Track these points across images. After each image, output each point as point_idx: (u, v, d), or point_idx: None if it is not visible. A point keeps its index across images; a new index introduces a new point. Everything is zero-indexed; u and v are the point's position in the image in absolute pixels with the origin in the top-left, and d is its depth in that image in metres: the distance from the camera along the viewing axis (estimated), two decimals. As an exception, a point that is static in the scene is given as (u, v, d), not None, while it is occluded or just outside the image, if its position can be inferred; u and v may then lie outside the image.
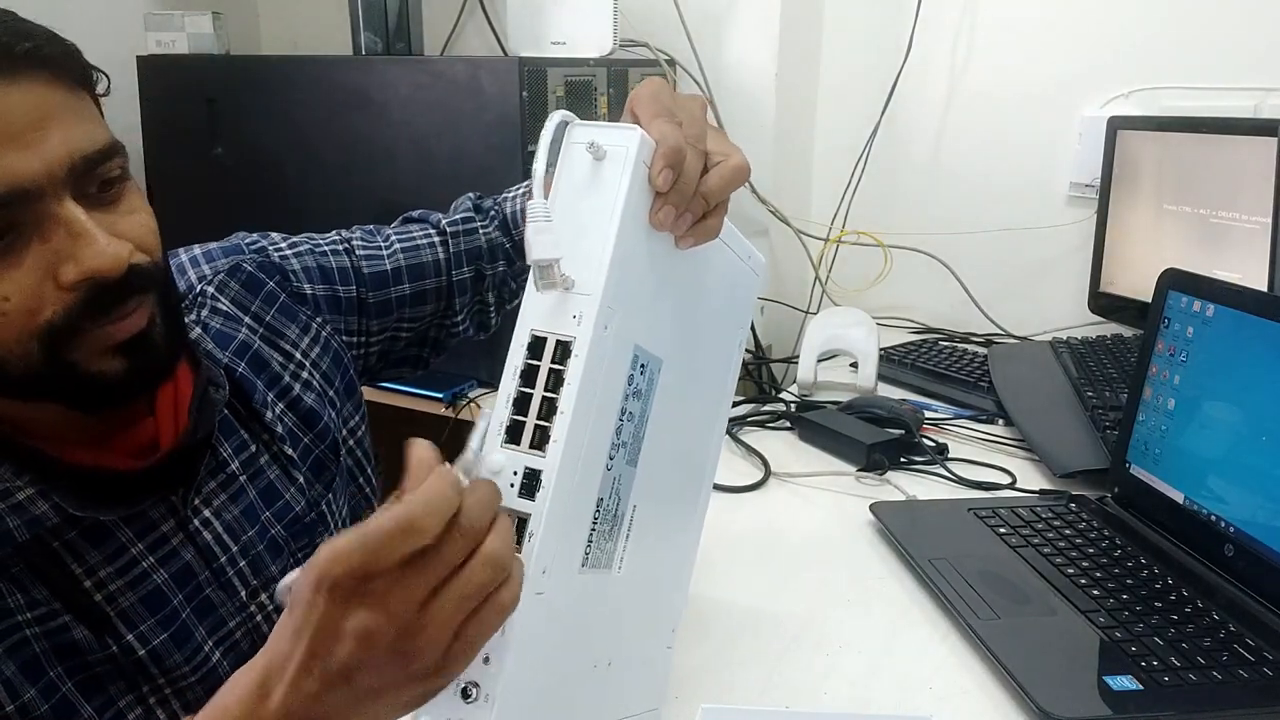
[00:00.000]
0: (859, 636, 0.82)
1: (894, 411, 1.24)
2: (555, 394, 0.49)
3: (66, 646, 0.62)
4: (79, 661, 0.63)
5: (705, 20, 1.71)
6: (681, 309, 0.60)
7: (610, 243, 0.50)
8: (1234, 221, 1.32)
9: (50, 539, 0.62)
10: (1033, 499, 1.06)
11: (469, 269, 0.91)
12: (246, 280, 0.81)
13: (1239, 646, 0.76)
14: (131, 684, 0.66)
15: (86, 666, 0.63)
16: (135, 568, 0.65)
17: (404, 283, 0.89)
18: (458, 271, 0.91)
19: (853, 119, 1.79)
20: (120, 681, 0.65)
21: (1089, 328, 1.58)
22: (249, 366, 0.77)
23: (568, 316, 0.50)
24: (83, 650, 0.63)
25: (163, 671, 0.67)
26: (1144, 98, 1.58)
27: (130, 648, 0.65)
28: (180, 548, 0.68)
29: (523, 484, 0.48)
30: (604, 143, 0.52)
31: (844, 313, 1.49)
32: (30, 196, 0.54)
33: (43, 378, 0.57)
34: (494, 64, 1.42)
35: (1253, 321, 0.88)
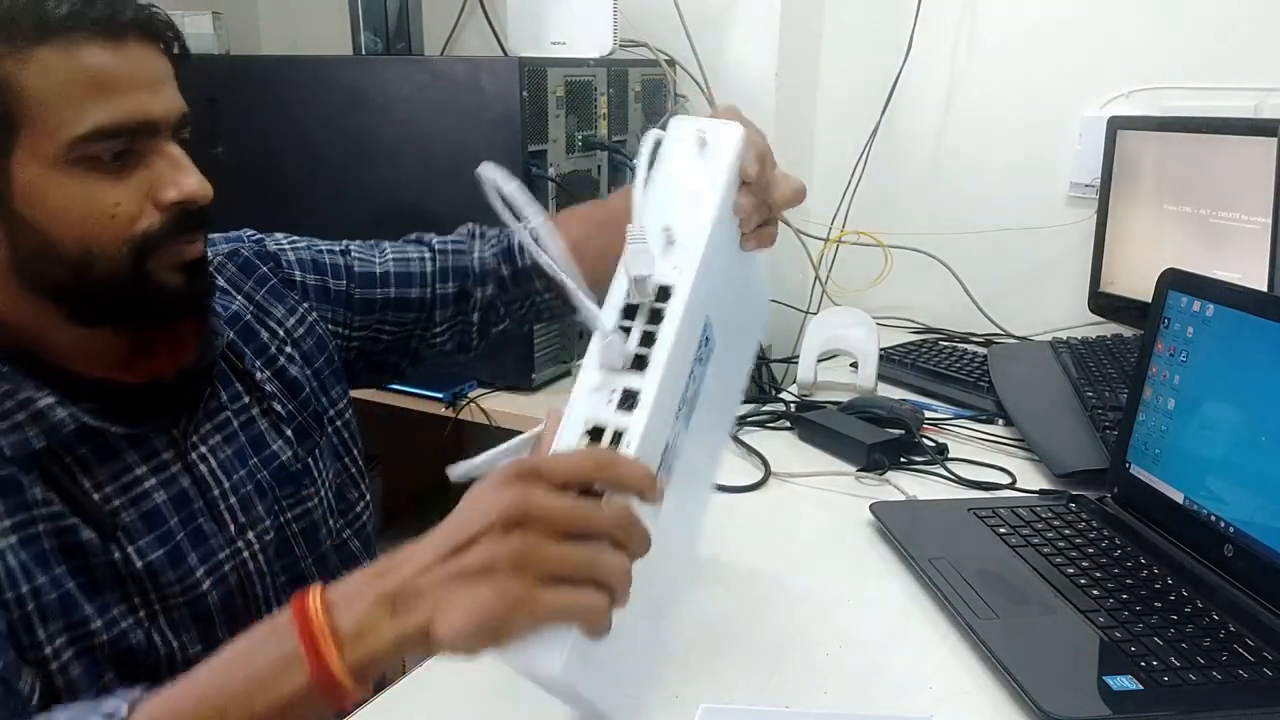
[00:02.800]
0: (859, 636, 0.82)
1: (894, 411, 1.24)
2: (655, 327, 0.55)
3: (74, 546, 0.68)
4: (84, 563, 0.69)
5: (705, 20, 1.71)
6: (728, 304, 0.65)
7: (714, 208, 0.59)
8: (1234, 221, 1.32)
9: (63, 454, 0.68)
10: (1033, 499, 1.06)
11: (453, 285, 0.97)
12: (243, 264, 0.89)
13: (1239, 646, 0.76)
14: (126, 594, 0.71)
15: (90, 569, 0.69)
16: (138, 486, 0.72)
17: (390, 286, 0.95)
18: (441, 285, 0.97)
19: (853, 119, 1.79)
20: (117, 590, 0.70)
21: (1089, 328, 1.58)
22: (239, 335, 0.85)
23: (669, 267, 0.57)
24: (88, 553, 0.69)
25: (155, 587, 0.72)
26: (1144, 98, 1.58)
27: (130, 559, 0.71)
28: (179, 475, 0.75)
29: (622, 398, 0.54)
30: (709, 133, 0.62)
31: (844, 313, 1.49)
32: (150, 130, 0.67)
33: (122, 282, 0.67)
34: (494, 64, 1.42)
35: (1253, 321, 0.88)
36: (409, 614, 0.51)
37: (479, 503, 0.52)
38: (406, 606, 0.51)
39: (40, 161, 0.63)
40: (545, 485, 0.51)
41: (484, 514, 0.51)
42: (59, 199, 0.64)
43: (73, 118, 0.62)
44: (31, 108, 0.62)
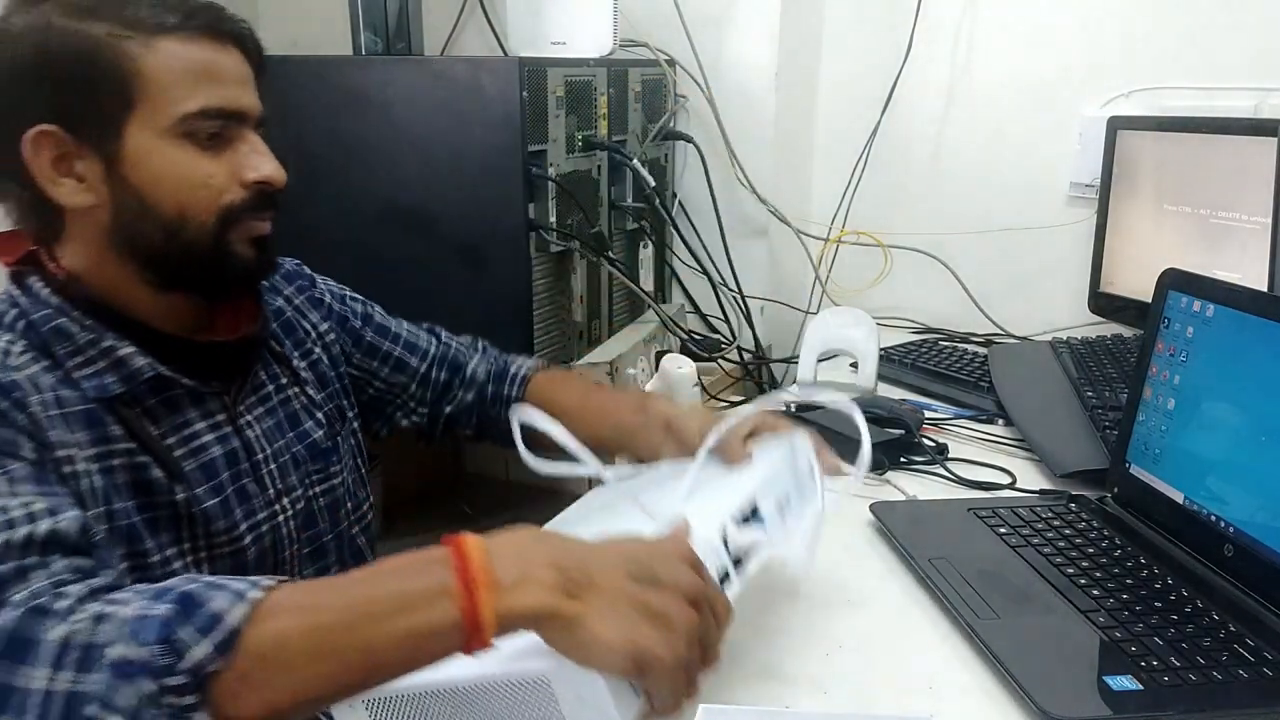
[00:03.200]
0: (859, 636, 0.82)
1: (894, 411, 1.24)
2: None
3: (144, 483, 0.75)
4: (150, 500, 0.75)
5: (705, 20, 1.71)
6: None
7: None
8: (1234, 221, 1.32)
9: (135, 403, 0.76)
10: (1033, 499, 1.06)
11: (445, 375, 1.05)
12: (285, 273, 0.98)
13: (1239, 646, 0.76)
14: (180, 536, 0.77)
15: (155, 506, 0.76)
16: (197, 440, 0.80)
17: (397, 345, 1.03)
18: (435, 369, 1.04)
19: (853, 119, 1.79)
20: (174, 530, 0.77)
21: (1089, 328, 1.58)
22: (280, 327, 0.93)
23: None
24: (155, 490, 0.76)
25: (206, 534, 0.79)
26: (1144, 98, 1.58)
27: (190, 501, 0.77)
28: (230, 435, 0.82)
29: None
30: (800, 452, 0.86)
31: (844, 313, 1.48)
32: (240, 118, 0.78)
33: (205, 248, 0.76)
34: (494, 64, 1.42)
35: (1253, 321, 0.88)
36: (574, 596, 0.55)
37: (675, 556, 0.60)
38: (576, 588, 0.55)
39: (151, 132, 0.72)
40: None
41: (678, 573, 0.59)
42: (163, 166, 0.73)
43: (184, 97, 0.72)
44: (149, 86, 0.71)
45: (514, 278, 1.38)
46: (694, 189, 1.77)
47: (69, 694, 0.52)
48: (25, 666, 0.53)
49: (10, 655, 0.53)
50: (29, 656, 0.53)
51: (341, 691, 0.56)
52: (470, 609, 0.54)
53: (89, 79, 0.70)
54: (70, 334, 0.74)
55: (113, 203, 0.73)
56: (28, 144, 0.71)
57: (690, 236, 1.72)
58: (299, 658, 0.54)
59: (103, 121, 0.72)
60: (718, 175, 1.73)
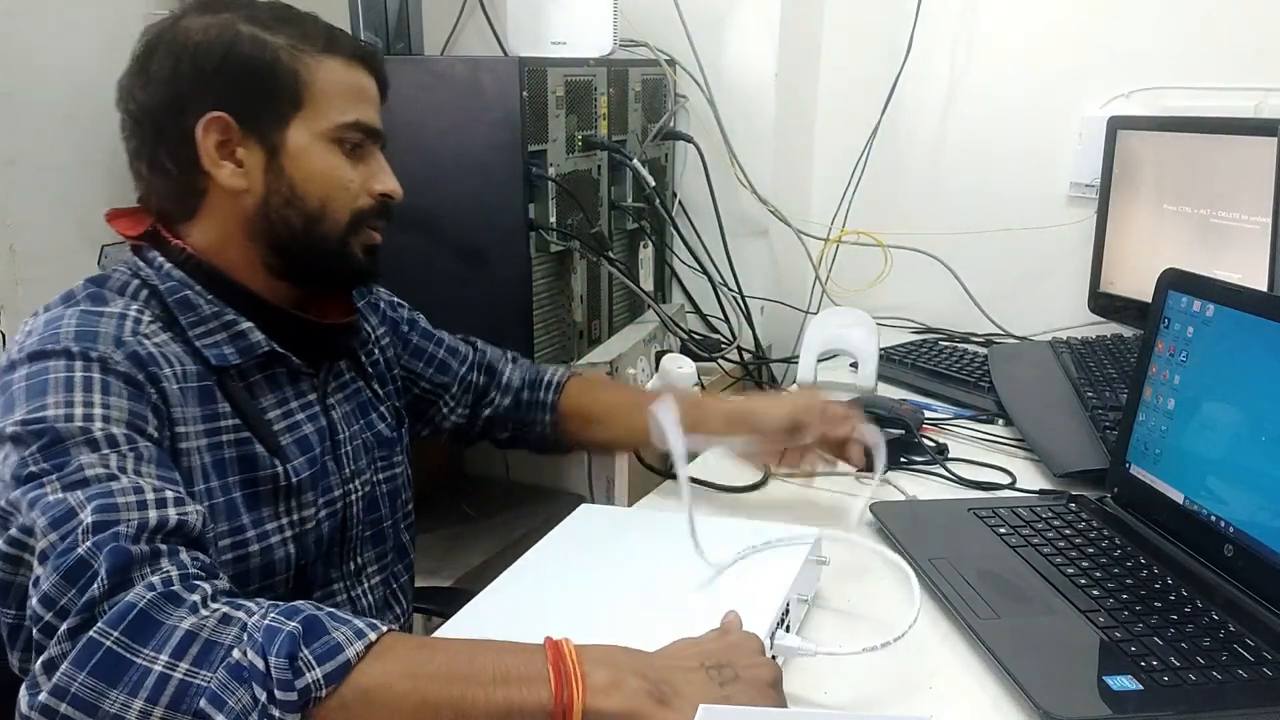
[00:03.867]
0: (859, 637, 0.82)
1: (894, 411, 1.23)
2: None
3: (247, 458, 0.80)
4: (252, 475, 0.81)
5: (705, 20, 1.71)
6: None
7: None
8: (1234, 221, 1.32)
9: (241, 378, 0.82)
10: (1033, 499, 1.06)
11: (482, 379, 1.10)
12: None
13: (1239, 646, 0.76)
14: (278, 510, 0.83)
15: (255, 481, 0.81)
16: (294, 415, 0.86)
17: (440, 349, 1.09)
18: (473, 374, 1.10)
19: (853, 119, 1.79)
20: (273, 504, 0.82)
21: (1089, 328, 1.58)
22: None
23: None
24: (257, 465, 0.81)
25: (298, 506, 0.84)
26: (1144, 98, 1.58)
27: (288, 473, 0.83)
28: (319, 415, 0.89)
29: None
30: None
31: (844, 313, 1.49)
32: (375, 136, 0.87)
33: (332, 243, 0.85)
34: (494, 64, 1.42)
35: (1253, 321, 0.88)
36: (663, 703, 0.59)
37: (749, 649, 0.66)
38: (661, 695, 0.60)
39: (310, 134, 0.82)
40: None
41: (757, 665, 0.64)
42: (316, 163, 0.82)
43: (341, 109, 0.83)
44: (315, 94, 0.82)
45: (514, 278, 1.38)
46: (694, 189, 1.77)
47: (181, 683, 0.55)
48: (148, 647, 0.56)
49: (135, 632, 0.56)
50: (154, 638, 0.56)
51: None
52: (560, 698, 0.58)
53: (267, 79, 0.80)
54: (196, 305, 0.81)
55: (265, 189, 0.82)
56: (201, 127, 0.79)
57: (690, 236, 1.72)
58: (398, 701, 0.57)
59: (272, 117, 0.81)
60: (718, 175, 1.73)
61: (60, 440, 0.66)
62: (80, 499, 0.62)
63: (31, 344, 0.73)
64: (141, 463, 0.68)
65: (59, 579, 0.59)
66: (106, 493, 0.63)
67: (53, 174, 1.89)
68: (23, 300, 1.86)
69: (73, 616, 0.57)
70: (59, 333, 0.73)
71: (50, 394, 0.69)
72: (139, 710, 0.54)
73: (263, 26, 0.81)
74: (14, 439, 0.67)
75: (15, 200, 1.84)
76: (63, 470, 0.65)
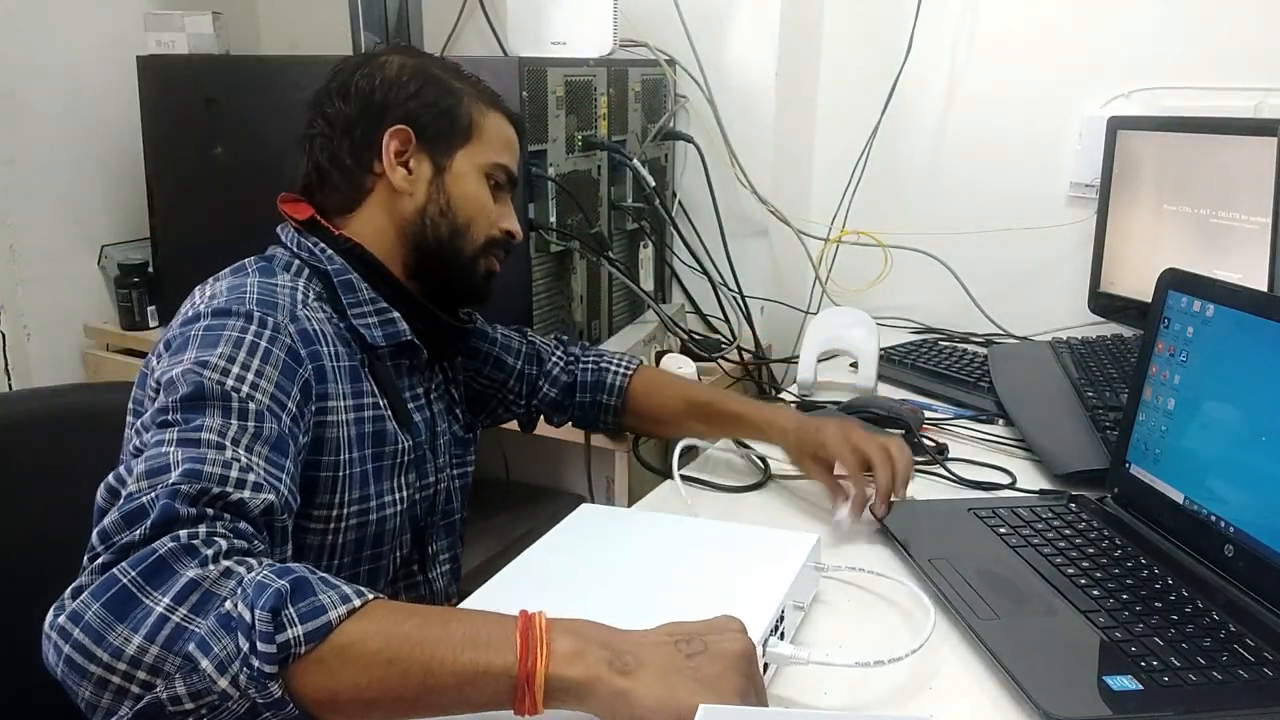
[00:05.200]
0: (859, 637, 0.82)
1: (894, 411, 1.24)
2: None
3: (381, 434, 0.91)
4: (382, 450, 0.91)
5: (705, 20, 1.71)
6: None
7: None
8: (1234, 221, 1.32)
9: (386, 359, 0.93)
10: (1033, 499, 1.06)
11: (533, 369, 1.17)
12: None
13: (1239, 646, 0.76)
14: (397, 484, 0.93)
15: (383, 455, 0.91)
16: (416, 400, 0.98)
17: (495, 346, 1.15)
18: (527, 365, 1.17)
19: (853, 119, 1.79)
20: (393, 478, 0.93)
21: (1089, 328, 1.58)
22: None
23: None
24: (386, 440, 0.91)
25: (406, 483, 0.95)
26: (1144, 98, 1.58)
27: (411, 449, 0.94)
28: (425, 407, 1.00)
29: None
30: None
31: (844, 313, 1.49)
32: (512, 182, 1.02)
33: (465, 259, 0.98)
34: (494, 64, 1.42)
35: (1253, 321, 0.88)
36: (624, 672, 0.61)
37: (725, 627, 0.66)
38: (625, 666, 0.61)
39: (470, 164, 0.97)
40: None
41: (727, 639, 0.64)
42: (470, 188, 0.97)
43: (496, 152, 0.99)
44: (481, 134, 0.98)
45: (514, 278, 1.38)
46: (694, 189, 1.77)
47: (177, 626, 0.59)
48: (156, 590, 0.60)
49: (149, 576, 0.61)
50: (162, 583, 0.60)
51: (394, 704, 0.61)
52: (524, 663, 0.60)
53: (448, 112, 0.96)
54: (357, 289, 0.92)
55: (426, 198, 0.95)
56: (388, 134, 0.94)
57: (690, 236, 1.72)
58: (370, 657, 0.60)
59: (446, 142, 0.96)
60: (718, 175, 1.73)
61: (202, 397, 0.74)
62: (179, 458, 0.68)
63: (219, 302, 0.82)
64: (258, 441, 0.74)
65: (119, 518, 0.64)
66: (202, 459, 0.69)
67: (53, 174, 1.90)
68: (23, 300, 1.86)
69: (108, 553, 0.62)
70: (244, 295, 0.83)
71: (220, 346, 0.77)
72: (137, 646, 0.58)
73: (449, 74, 0.99)
74: (169, 383, 0.74)
75: (15, 200, 1.84)
76: (189, 425, 0.72)
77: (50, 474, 1.03)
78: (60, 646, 0.59)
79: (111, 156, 1.94)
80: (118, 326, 1.89)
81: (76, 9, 1.88)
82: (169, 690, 0.58)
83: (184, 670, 0.58)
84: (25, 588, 0.99)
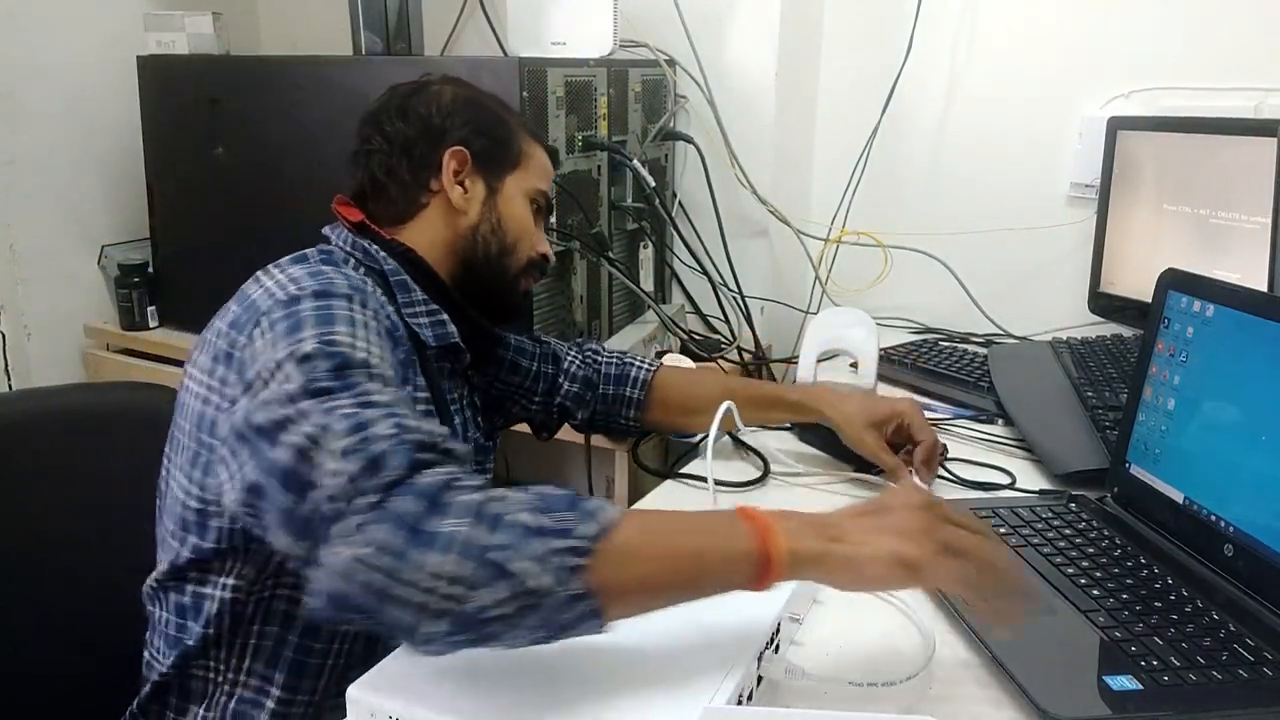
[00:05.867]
0: (859, 636, 0.82)
1: (894, 411, 1.23)
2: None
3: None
4: None
5: (705, 20, 1.71)
6: None
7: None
8: (1234, 221, 1.33)
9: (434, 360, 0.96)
10: (1033, 499, 1.06)
11: (549, 368, 1.20)
12: None
13: (1239, 646, 0.76)
14: None
15: None
16: (454, 404, 1.02)
17: (509, 351, 1.17)
18: (543, 364, 1.19)
19: (853, 119, 1.79)
20: None
21: (1089, 328, 1.58)
22: None
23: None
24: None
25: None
26: (1144, 98, 1.58)
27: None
28: (459, 411, 1.03)
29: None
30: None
31: (844, 313, 1.48)
32: (549, 209, 1.10)
33: (508, 277, 1.03)
34: (494, 64, 1.42)
35: (1253, 321, 0.88)
36: (835, 540, 0.68)
37: (895, 494, 0.73)
38: (833, 535, 0.68)
39: (517, 188, 1.04)
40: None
41: (901, 497, 0.71)
42: (517, 210, 1.03)
43: (539, 179, 1.06)
44: (527, 162, 1.05)
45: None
46: (694, 189, 1.77)
47: (473, 541, 0.62)
48: (440, 515, 0.64)
49: (430, 505, 0.64)
50: (444, 508, 0.64)
51: (672, 588, 0.68)
52: (763, 542, 0.67)
53: (502, 139, 1.03)
54: (410, 289, 0.96)
55: (478, 216, 1.01)
56: (448, 154, 0.99)
57: (690, 236, 1.72)
58: (645, 551, 0.67)
59: (498, 166, 1.03)
60: (718, 175, 1.73)
61: (350, 366, 0.76)
62: (375, 415, 0.71)
63: (314, 284, 0.83)
64: (407, 405, 0.77)
65: (363, 466, 0.67)
66: (395, 414, 0.72)
67: (53, 174, 1.90)
68: (23, 300, 1.86)
69: (374, 493, 0.65)
70: (332, 280, 0.85)
71: (338, 324, 0.80)
72: (438, 563, 0.62)
73: (498, 105, 1.07)
74: (306, 357, 0.76)
75: (15, 200, 1.84)
76: (352, 390, 0.74)
77: (50, 474, 1.03)
78: (357, 575, 0.62)
79: (111, 156, 1.94)
80: (118, 326, 1.89)
81: (76, 9, 1.88)
82: (478, 600, 0.61)
83: (490, 580, 0.62)
84: (25, 588, 0.99)
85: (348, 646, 0.89)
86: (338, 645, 0.88)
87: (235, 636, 0.86)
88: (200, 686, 0.87)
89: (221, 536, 0.84)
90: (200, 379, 0.85)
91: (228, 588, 0.85)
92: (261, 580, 0.85)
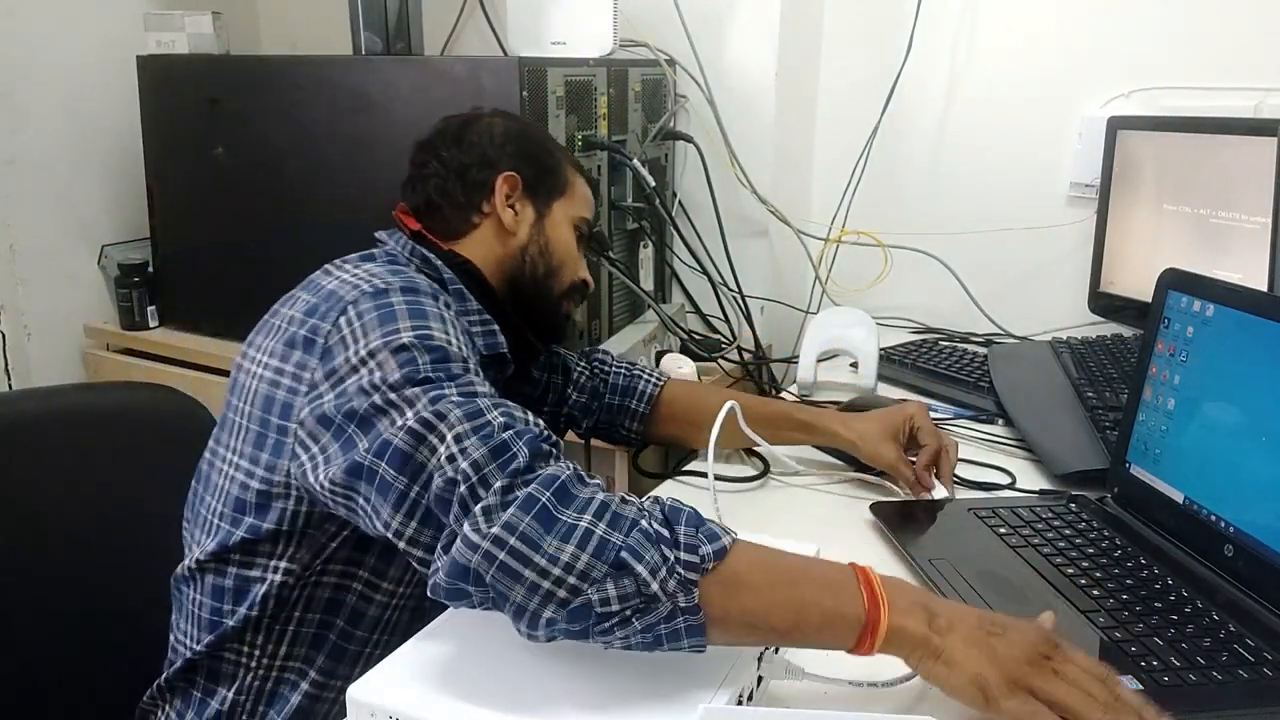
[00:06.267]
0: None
1: (894, 411, 1.23)
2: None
3: None
4: None
5: (705, 20, 1.71)
6: None
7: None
8: (1234, 221, 1.33)
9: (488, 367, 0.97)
10: (1033, 499, 1.06)
11: (559, 378, 1.22)
12: None
13: (1239, 646, 0.76)
14: None
15: None
16: None
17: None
18: (552, 374, 1.21)
19: (853, 119, 1.79)
20: None
21: (1089, 328, 1.58)
22: None
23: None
24: None
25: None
26: (1144, 98, 1.58)
27: None
28: None
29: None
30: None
31: (844, 313, 1.49)
32: (589, 236, 1.13)
33: (551, 298, 1.07)
34: (494, 64, 1.42)
35: (1253, 321, 0.88)
36: (938, 633, 0.68)
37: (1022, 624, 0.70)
38: (938, 627, 0.68)
39: (563, 214, 1.08)
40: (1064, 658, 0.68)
41: (1028, 629, 0.69)
42: (563, 235, 1.08)
43: (583, 207, 1.11)
44: (572, 191, 1.10)
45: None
46: (694, 189, 1.77)
47: (602, 538, 0.66)
48: (571, 509, 0.67)
49: (560, 497, 0.68)
50: (574, 503, 0.68)
51: (767, 632, 0.69)
52: (873, 612, 0.68)
53: (550, 167, 1.08)
54: (467, 298, 0.99)
55: (527, 238, 1.05)
56: (501, 179, 1.04)
57: (690, 236, 1.72)
58: (755, 584, 0.68)
59: (547, 193, 1.07)
60: (718, 175, 1.73)
61: (449, 359, 0.80)
62: (484, 405, 0.75)
63: (398, 281, 0.86)
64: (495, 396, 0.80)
65: (486, 452, 0.70)
66: (502, 405, 0.76)
67: (53, 174, 1.90)
68: (23, 300, 1.86)
69: (504, 479, 0.69)
70: (416, 279, 0.89)
71: (431, 321, 0.83)
72: (570, 553, 0.65)
73: (545, 138, 1.14)
74: (403, 347, 0.79)
75: (15, 200, 1.84)
76: (456, 381, 0.77)
77: (50, 474, 1.03)
78: (494, 554, 0.65)
79: (111, 156, 1.94)
80: (118, 326, 1.89)
81: (76, 9, 1.88)
82: (599, 594, 0.64)
83: (613, 576, 0.65)
84: (26, 587, 0.99)
85: (386, 637, 0.91)
86: (377, 635, 0.90)
87: (276, 621, 0.87)
88: (230, 669, 0.88)
89: (284, 518, 0.85)
90: (268, 363, 0.86)
91: (279, 570, 0.86)
92: (313, 565, 0.86)
